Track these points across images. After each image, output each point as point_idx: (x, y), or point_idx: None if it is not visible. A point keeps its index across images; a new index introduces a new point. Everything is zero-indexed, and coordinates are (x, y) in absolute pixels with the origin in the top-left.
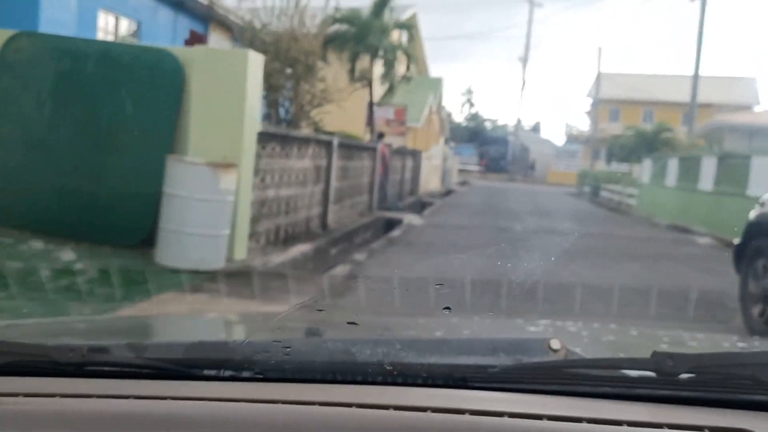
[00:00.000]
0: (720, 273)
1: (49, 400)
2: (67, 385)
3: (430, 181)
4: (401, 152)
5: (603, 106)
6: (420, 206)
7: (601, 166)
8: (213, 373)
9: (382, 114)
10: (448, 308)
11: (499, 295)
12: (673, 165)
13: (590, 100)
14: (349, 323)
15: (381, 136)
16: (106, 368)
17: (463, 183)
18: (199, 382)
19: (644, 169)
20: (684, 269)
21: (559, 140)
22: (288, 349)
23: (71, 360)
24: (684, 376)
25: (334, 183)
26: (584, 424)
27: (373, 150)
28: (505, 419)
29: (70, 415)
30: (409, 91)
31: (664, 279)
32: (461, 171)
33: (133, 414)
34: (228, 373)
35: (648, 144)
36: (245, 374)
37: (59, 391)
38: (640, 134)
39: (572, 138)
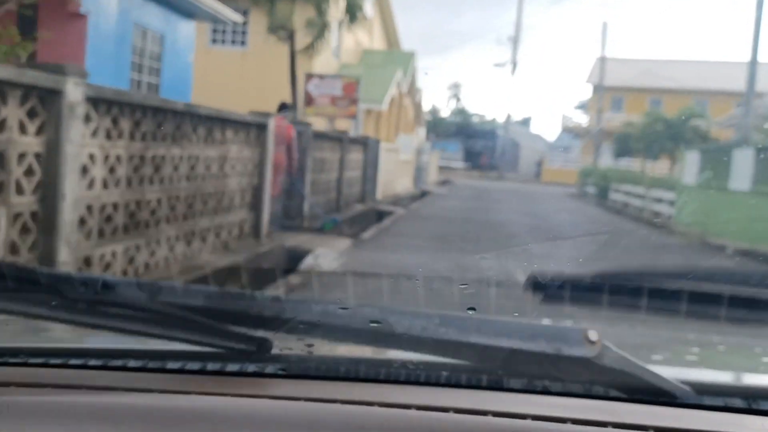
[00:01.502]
0: None
1: (76, 392)
2: (94, 378)
3: (396, 181)
4: (337, 139)
5: (604, 95)
6: (371, 219)
7: (605, 162)
8: (236, 368)
9: (324, 88)
10: (472, 309)
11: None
12: (743, 159)
13: (589, 89)
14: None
15: (284, 107)
16: (133, 364)
17: (444, 182)
18: (223, 377)
19: (687, 166)
20: None
21: (551, 135)
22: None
23: (83, 296)
24: (706, 388)
25: (77, 191)
26: (609, 429)
27: (259, 129)
28: (528, 422)
29: (97, 406)
30: (369, 64)
31: None
32: (444, 168)
33: (158, 407)
34: (251, 368)
35: (673, 135)
36: (268, 370)
37: (86, 383)
38: (662, 123)
39: (569, 131)
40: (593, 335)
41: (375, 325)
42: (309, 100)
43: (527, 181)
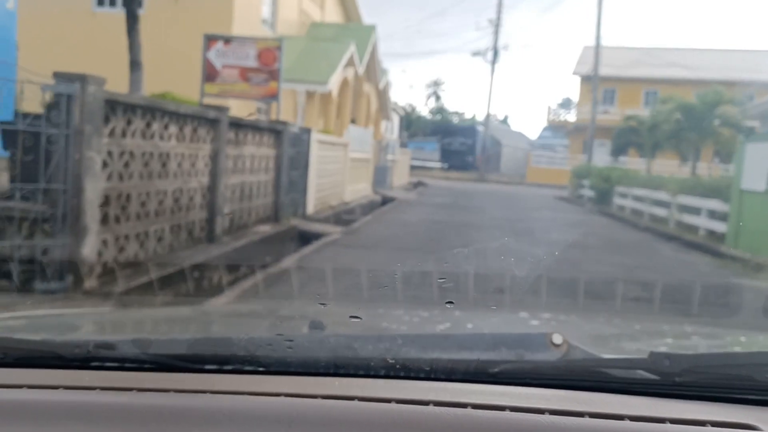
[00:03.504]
0: None
1: (53, 392)
2: (71, 377)
3: (345, 186)
4: (203, 120)
5: (597, 84)
6: (280, 250)
7: (598, 160)
8: (215, 366)
9: (231, 56)
10: (450, 302)
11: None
12: None
13: (577, 81)
14: (352, 317)
15: None
16: (110, 363)
17: (417, 185)
18: (202, 375)
19: (749, 164)
20: None
21: (535, 132)
22: (291, 343)
23: (77, 355)
24: (680, 377)
25: None
26: (586, 419)
27: None
28: (507, 413)
29: (74, 406)
30: (315, 37)
31: None
32: (419, 168)
33: (136, 405)
34: (230, 366)
35: (698, 125)
36: (249, 368)
37: (63, 383)
38: (684, 112)
39: (555, 127)
40: (557, 338)
41: (342, 353)
42: (211, 74)
43: (510, 182)
